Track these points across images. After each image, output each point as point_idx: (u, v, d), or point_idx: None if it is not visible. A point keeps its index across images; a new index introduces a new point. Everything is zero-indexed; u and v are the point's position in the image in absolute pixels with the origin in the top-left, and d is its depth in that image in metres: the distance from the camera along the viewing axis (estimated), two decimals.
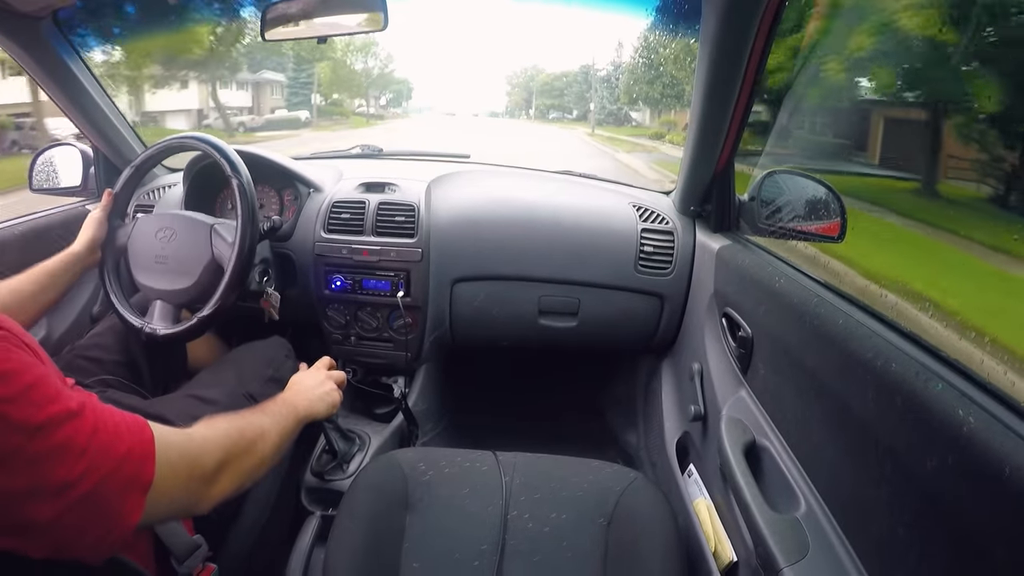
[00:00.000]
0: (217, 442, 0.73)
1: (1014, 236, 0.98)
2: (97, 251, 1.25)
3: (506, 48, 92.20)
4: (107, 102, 1.57)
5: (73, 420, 0.56)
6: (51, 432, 0.54)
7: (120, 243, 1.28)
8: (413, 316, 1.54)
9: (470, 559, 0.94)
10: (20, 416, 0.52)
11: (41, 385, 0.55)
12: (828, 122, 1.94)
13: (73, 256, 1.20)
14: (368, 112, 36.21)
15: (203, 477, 0.69)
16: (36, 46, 1.36)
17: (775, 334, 0.95)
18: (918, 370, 0.60)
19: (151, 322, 1.21)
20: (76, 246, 1.21)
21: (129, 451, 0.59)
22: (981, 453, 0.50)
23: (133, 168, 1.29)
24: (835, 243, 1.08)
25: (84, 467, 0.55)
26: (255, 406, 0.92)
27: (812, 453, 0.81)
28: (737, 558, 0.93)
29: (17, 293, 1.09)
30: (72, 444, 0.55)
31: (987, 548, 0.49)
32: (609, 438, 1.87)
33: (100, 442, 0.57)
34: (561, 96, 43.28)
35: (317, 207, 1.53)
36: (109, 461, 0.57)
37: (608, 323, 1.54)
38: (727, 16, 0.96)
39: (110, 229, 1.27)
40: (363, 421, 1.57)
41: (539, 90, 45.90)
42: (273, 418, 0.88)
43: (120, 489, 0.58)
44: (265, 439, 0.83)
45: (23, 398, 0.53)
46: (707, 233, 1.41)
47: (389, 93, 40.89)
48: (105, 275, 1.26)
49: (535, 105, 45.40)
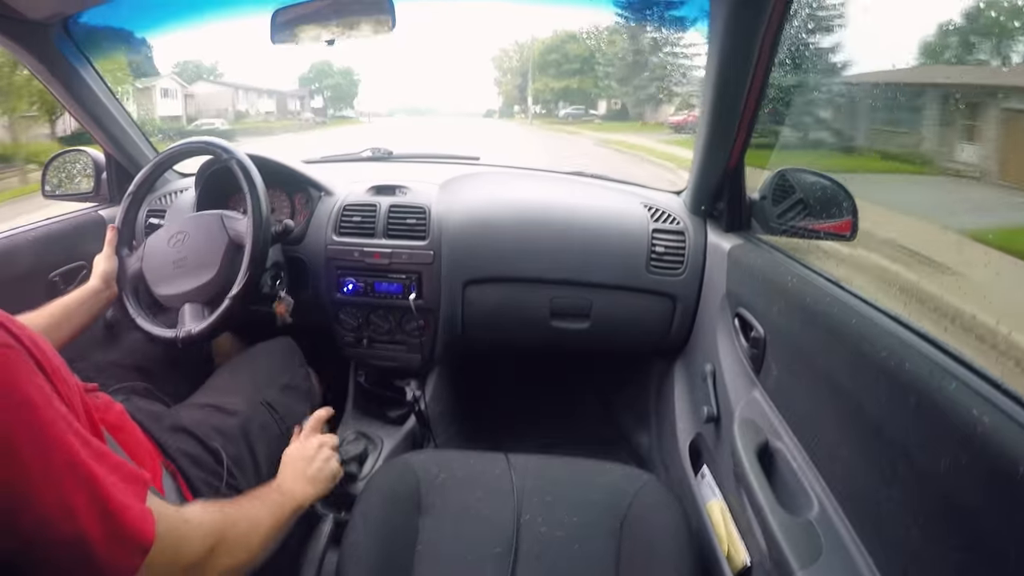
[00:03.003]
0: (210, 529, 0.70)
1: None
2: (113, 284, 1.25)
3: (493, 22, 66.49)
4: (118, 108, 1.59)
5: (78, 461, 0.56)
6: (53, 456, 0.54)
7: (134, 269, 1.28)
8: (425, 319, 1.54)
9: (483, 562, 0.94)
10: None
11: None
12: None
13: (89, 291, 1.20)
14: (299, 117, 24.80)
15: (189, 564, 0.66)
16: (46, 52, 1.37)
17: (788, 334, 0.94)
18: (932, 369, 0.60)
19: (183, 326, 1.21)
20: (92, 282, 1.22)
21: (129, 506, 0.58)
22: (996, 453, 0.49)
23: (129, 196, 1.32)
24: (847, 241, 1.07)
25: (78, 503, 0.55)
26: (252, 494, 0.89)
27: (825, 454, 0.81)
28: (751, 561, 0.92)
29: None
30: (73, 474, 0.55)
31: (1002, 549, 0.49)
32: (621, 440, 1.86)
33: (96, 487, 0.56)
34: (575, 73, 23.60)
35: (328, 210, 1.54)
36: (106, 507, 0.56)
37: (620, 324, 1.53)
38: (735, 13, 0.95)
39: (120, 259, 1.28)
40: (376, 424, 1.58)
41: (539, 64, 26.43)
42: (269, 508, 0.86)
43: (114, 540, 0.57)
44: (258, 531, 0.81)
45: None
46: (719, 233, 1.39)
47: (325, 91, 28.24)
48: (126, 302, 1.26)
49: (533, 90, 25.90)
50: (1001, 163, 1.19)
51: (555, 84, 24.80)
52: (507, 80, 30.74)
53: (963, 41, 1.14)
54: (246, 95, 22.20)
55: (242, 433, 1.07)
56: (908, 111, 1.44)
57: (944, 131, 1.35)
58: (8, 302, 0.62)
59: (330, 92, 28.51)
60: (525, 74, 27.77)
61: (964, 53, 1.14)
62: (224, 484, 0.97)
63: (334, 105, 28.80)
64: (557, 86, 24.71)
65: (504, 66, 31.37)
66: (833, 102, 1.83)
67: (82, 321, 1.17)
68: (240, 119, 20.79)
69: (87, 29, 1.41)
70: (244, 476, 1.03)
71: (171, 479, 0.90)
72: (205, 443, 1.00)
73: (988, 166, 1.24)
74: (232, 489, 0.99)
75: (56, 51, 1.38)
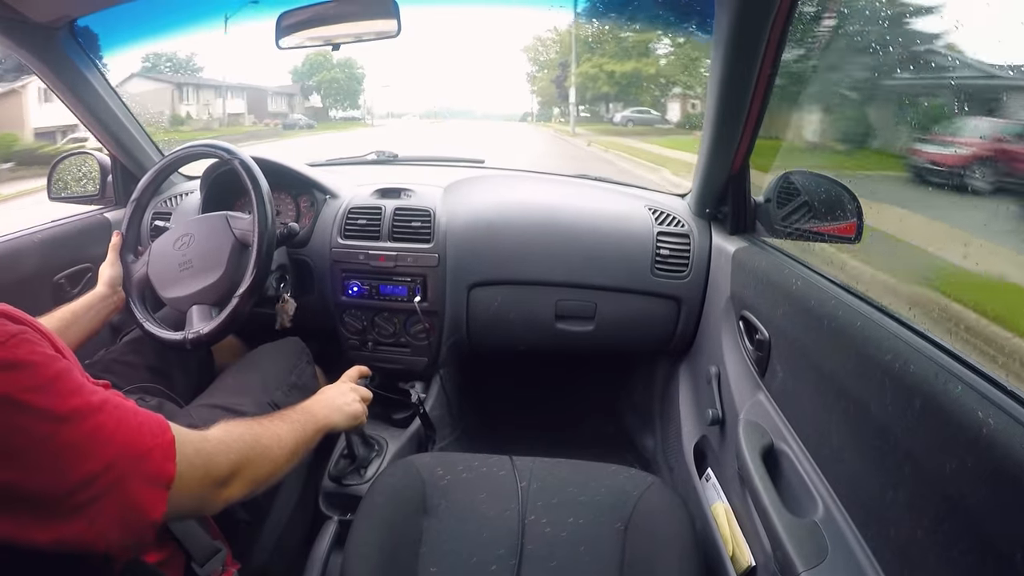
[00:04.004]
0: (232, 446, 0.74)
1: None
2: (119, 290, 1.26)
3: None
4: (124, 111, 1.60)
5: (97, 414, 0.58)
6: (78, 423, 0.56)
7: (141, 274, 1.29)
8: (430, 321, 1.54)
9: (488, 564, 0.94)
10: (46, 405, 0.54)
11: (65, 378, 0.57)
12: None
13: (96, 297, 1.21)
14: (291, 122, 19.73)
15: (216, 479, 0.70)
16: (52, 56, 1.38)
17: (792, 337, 0.94)
18: (937, 372, 0.60)
19: (191, 328, 1.21)
20: (98, 288, 1.23)
21: (153, 447, 0.61)
22: (1001, 456, 0.49)
23: (133, 203, 1.32)
24: (851, 244, 1.07)
25: (110, 459, 0.57)
26: (277, 414, 0.93)
27: (830, 456, 0.81)
28: (755, 562, 0.92)
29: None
30: (98, 436, 0.57)
31: (1007, 552, 0.49)
32: (626, 442, 1.86)
33: (124, 436, 0.59)
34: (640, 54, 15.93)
35: (334, 213, 1.55)
36: (133, 455, 0.59)
37: (625, 327, 1.53)
38: (740, 16, 0.95)
39: (125, 265, 1.29)
40: (381, 426, 1.58)
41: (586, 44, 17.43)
42: (291, 425, 0.89)
43: (144, 484, 0.59)
44: (282, 445, 0.84)
45: (49, 388, 0.55)
46: (723, 235, 1.40)
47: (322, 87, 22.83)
48: (134, 308, 1.27)
49: (577, 78, 17.54)
50: None
51: (612, 66, 15.95)
52: (543, 76, 21.53)
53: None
54: (198, 93, 17.33)
55: None
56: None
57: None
58: (14, 304, 0.62)
59: (325, 89, 23.11)
60: (566, 64, 19.24)
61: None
62: None
63: (335, 104, 23.58)
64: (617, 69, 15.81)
65: (540, 59, 21.96)
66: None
67: (90, 327, 1.18)
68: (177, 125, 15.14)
69: (93, 32, 1.42)
70: None
71: None
72: None
73: None
74: None
75: (62, 54, 1.39)
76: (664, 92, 15.76)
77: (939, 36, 1.16)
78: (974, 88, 1.07)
